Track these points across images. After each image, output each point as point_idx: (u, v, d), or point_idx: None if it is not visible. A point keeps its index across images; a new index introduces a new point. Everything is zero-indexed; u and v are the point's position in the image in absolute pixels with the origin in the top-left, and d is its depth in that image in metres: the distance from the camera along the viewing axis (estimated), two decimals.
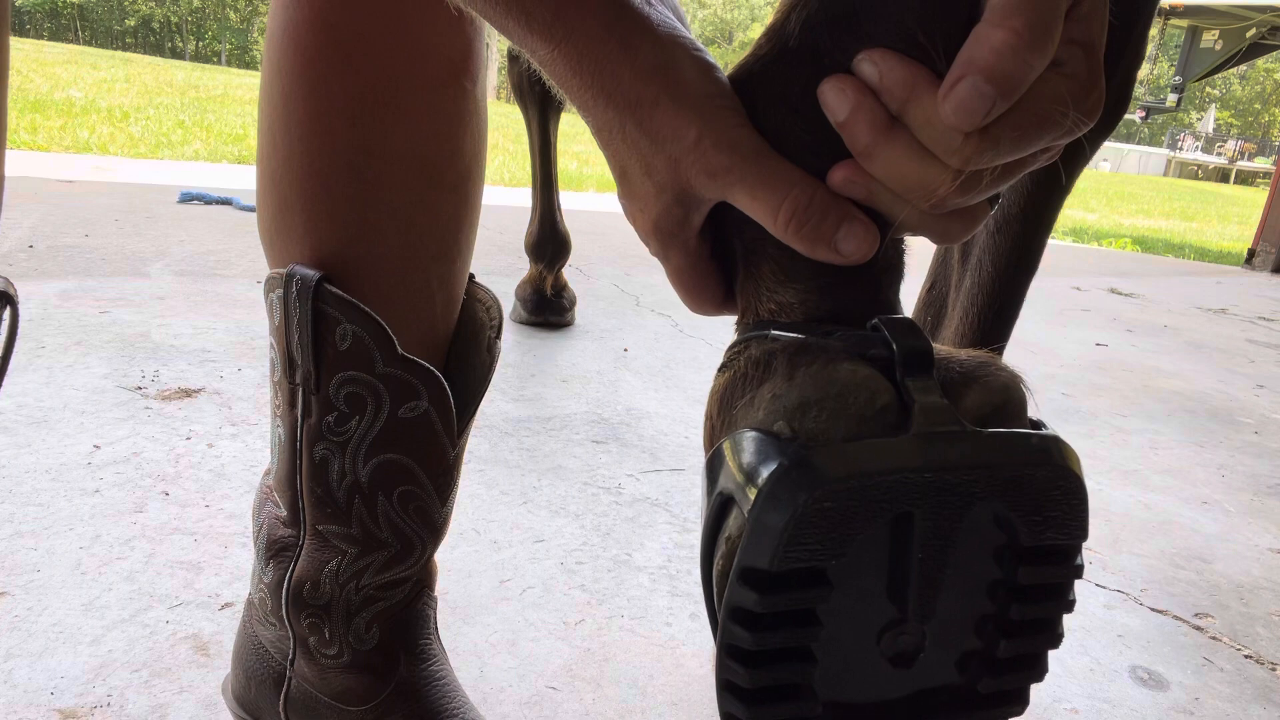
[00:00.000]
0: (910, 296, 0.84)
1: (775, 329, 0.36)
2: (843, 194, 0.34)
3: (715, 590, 0.34)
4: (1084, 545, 1.22)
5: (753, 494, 0.31)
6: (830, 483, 0.30)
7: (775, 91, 0.35)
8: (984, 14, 0.31)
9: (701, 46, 0.35)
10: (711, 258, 0.39)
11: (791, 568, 0.31)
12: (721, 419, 0.36)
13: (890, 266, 0.37)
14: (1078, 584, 1.22)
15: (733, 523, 0.33)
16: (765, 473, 0.31)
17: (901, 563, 0.32)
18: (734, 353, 0.37)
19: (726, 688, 0.33)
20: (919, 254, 0.91)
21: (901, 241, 0.38)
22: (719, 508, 0.34)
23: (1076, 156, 0.69)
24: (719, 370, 0.37)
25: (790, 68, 0.35)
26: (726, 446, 0.33)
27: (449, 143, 0.56)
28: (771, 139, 0.35)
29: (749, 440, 0.32)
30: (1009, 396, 0.34)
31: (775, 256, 0.36)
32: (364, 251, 0.55)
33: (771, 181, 0.34)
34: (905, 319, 0.35)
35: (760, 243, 0.36)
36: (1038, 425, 0.34)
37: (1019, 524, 0.33)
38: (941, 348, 0.35)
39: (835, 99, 0.33)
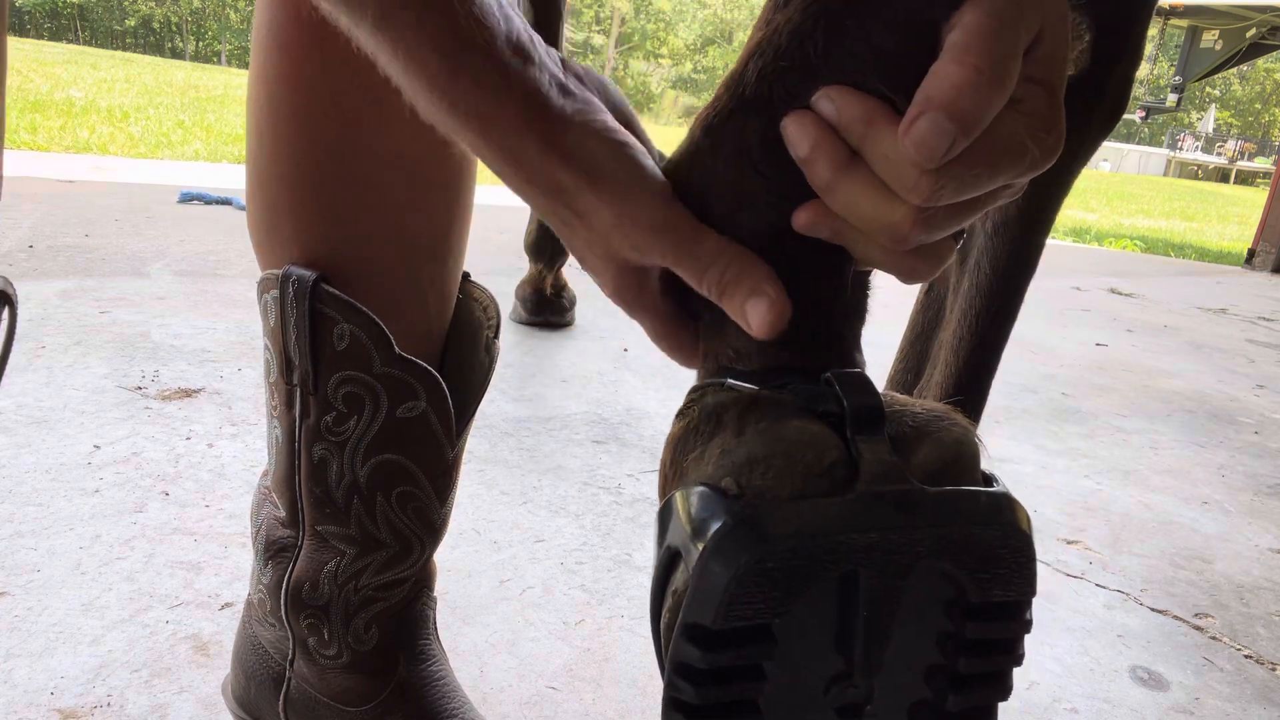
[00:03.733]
0: (909, 297, 0.85)
1: (732, 377, 0.36)
2: (808, 234, 0.35)
3: (663, 642, 0.34)
4: (1090, 546, 1.20)
5: (697, 551, 0.31)
6: (773, 542, 0.30)
7: (734, 140, 0.35)
8: (942, 52, 0.32)
9: (614, 126, 0.36)
10: (681, 314, 0.40)
11: (735, 625, 0.31)
12: (673, 470, 0.36)
13: (851, 312, 0.37)
14: (1078, 583, 1.22)
15: (679, 577, 0.33)
16: (709, 530, 0.31)
17: (848, 618, 0.32)
18: (691, 400, 0.37)
19: None
20: None
21: (866, 286, 0.39)
22: (667, 561, 0.34)
23: (1076, 156, 0.69)
24: (677, 415, 0.37)
25: (748, 117, 0.35)
26: (676, 499, 0.34)
27: (439, 141, 0.55)
28: (732, 187, 0.36)
29: (696, 496, 0.32)
30: (960, 452, 0.34)
31: None
32: (354, 252, 0.55)
33: (689, 256, 0.35)
34: (858, 373, 0.35)
35: None
36: (990, 480, 0.34)
37: (966, 582, 0.33)
38: (898, 398, 0.35)
39: (797, 134, 0.34)
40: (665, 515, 0.34)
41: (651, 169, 0.36)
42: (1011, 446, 1.74)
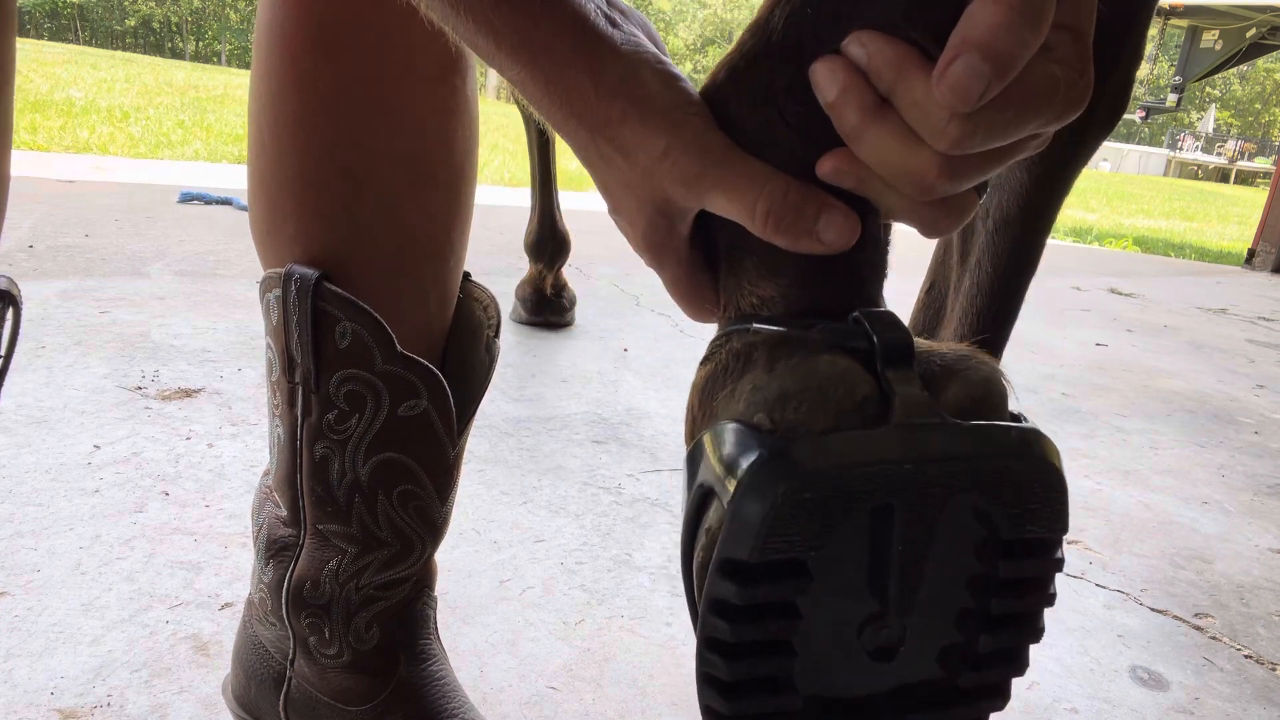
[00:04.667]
0: (910, 296, 0.85)
1: (757, 323, 0.36)
2: (832, 183, 0.34)
3: (695, 582, 0.34)
4: (1090, 546, 1.20)
5: (732, 485, 0.31)
6: (809, 474, 0.30)
7: (760, 86, 0.35)
8: None
9: (665, 59, 0.36)
10: (705, 265, 0.39)
11: (771, 559, 0.31)
12: (702, 411, 0.36)
13: (872, 262, 0.37)
14: (1078, 583, 1.22)
15: (713, 515, 0.33)
16: (744, 464, 0.31)
17: (882, 555, 0.32)
18: (715, 346, 0.37)
19: (706, 680, 0.33)
20: (919, 254, 0.91)
21: (886, 241, 0.38)
22: (699, 500, 0.34)
23: (1076, 156, 0.69)
24: (701, 363, 0.37)
25: (774, 62, 0.35)
26: (707, 438, 0.34)
27: (440, 140, 0.56)
28: (756, 133, 0.35)
29: (729, 432, 0.33)
30: (989, 389, 0.34)
31: (756, 251, 0.36)
32: (355, 251, 0.55)
33: (744, 181, 0.34)
34: (886, 312, 0.35)
35: (742, 238, 0.36)
36: (1018, 418, 0.35)
37: (998, 517, 0.33)
38: (923, 341, 0.35)
39: (825, 79, 0.33)
40: (695, 456, 0.34)
41: (700, 101, 0.36)
42: None
